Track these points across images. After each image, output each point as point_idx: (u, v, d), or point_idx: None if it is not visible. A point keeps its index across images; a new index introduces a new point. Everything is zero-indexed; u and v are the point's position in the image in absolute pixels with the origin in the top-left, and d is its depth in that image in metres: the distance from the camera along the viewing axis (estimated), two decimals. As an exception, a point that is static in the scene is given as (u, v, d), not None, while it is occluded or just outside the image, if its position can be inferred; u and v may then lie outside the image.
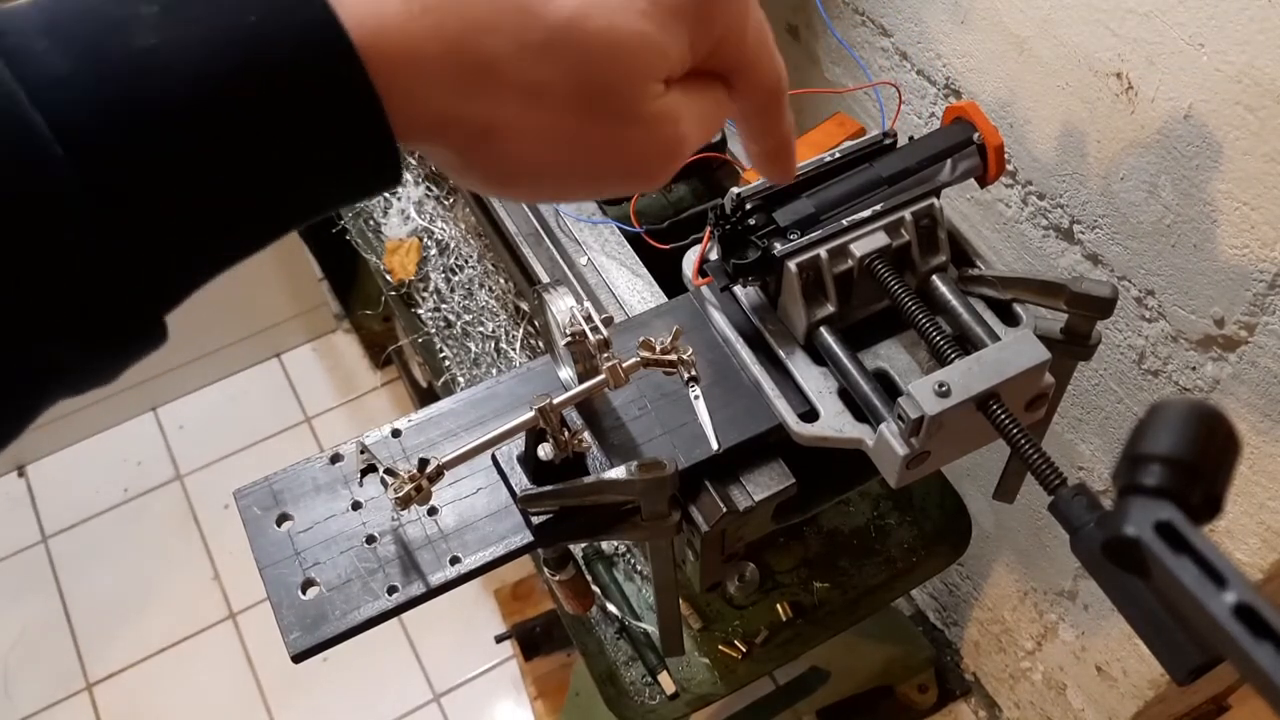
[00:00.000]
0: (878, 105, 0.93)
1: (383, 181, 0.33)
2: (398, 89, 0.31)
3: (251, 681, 1.76)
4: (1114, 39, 0.77)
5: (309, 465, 0.65)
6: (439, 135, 0.34)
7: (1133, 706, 1.17)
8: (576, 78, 0.34)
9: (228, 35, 0.28)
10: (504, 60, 0.33)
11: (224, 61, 0.28)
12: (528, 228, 0.91)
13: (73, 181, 0.27)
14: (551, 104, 0.34)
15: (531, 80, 0.33)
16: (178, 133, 0.28)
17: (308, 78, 0.29)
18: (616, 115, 0.36)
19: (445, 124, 0.33)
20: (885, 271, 0.63)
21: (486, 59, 0.32)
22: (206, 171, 0.29)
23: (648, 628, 0.95)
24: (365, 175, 0.32)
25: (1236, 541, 0.89)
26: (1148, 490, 0.35)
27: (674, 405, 0.65)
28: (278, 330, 2.08)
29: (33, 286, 0.27)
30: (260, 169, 0.30)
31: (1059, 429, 1.05)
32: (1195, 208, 0.77)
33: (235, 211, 0.30)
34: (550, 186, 0.38)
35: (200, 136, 0.28)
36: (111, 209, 0.28)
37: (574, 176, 0.38)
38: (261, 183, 0.30)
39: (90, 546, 1.91)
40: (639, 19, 0.34)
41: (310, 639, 0.58)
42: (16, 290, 0.27)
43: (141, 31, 0.28)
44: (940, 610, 1.56)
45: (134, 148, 0.28)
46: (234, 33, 0.28)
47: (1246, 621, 0.31)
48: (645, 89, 0.36)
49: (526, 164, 0.36)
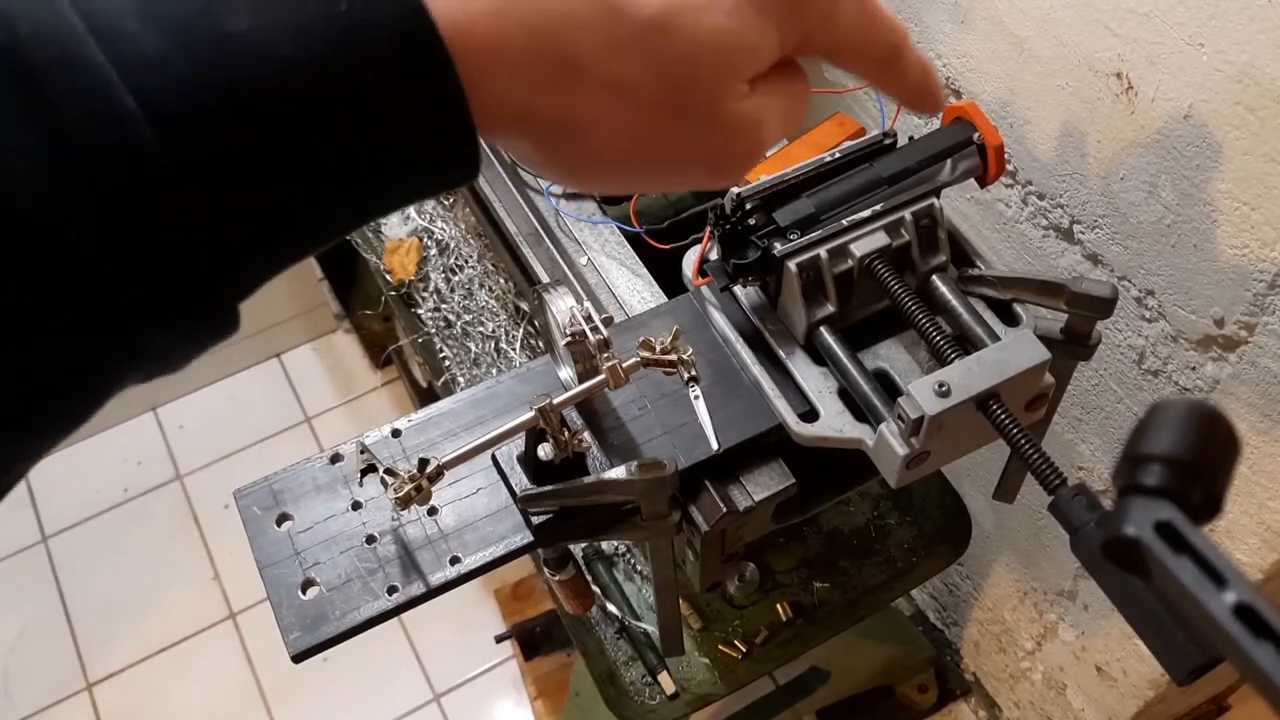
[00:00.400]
0: (878, 105, 0.93)
1: (462, 174, 0.33)
2: (482, 81, 0.31)
3: (251, 681, 1.76)
4: (1114, 39, 0.77)
5: (309, 465, 0.65)
6: (521, 127, 0.34)
7: (1133, 706, 1.17)
8: (661, 76, 0.34)
9: (318, 22, 0.28)
10: (589, 56, 0.33)
11: (313, 48, 0.28)
12: (528, 228, 0.91)
13: (162, 163, 0.27)
14: (635, 101, 0.34)
15: (616, 77, 0.33)
16: (265, 117, 0.28)
17: (394, 67, 0.29)
18: (699, 114, 0.36)
19: (528, 117, 0.33)
20: (885, 271, 0.63)
21: (571, 54, 0.32)
22: (291, 157, 0.29)
23: (648, 628, 0.95)
24: (445, 167, 0.32)
25: (1236, 541, 0.89)
26: (1148, 490, 0.35)
27: (674, 405, 0.65)
28: (278, 330, 2.08)
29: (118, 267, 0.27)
30: (344, 156, 0.30)
31: (1059, 429, 1.05)
32: (1195, 208, 0.77)
33: (316, 198, 0.31)
34: (627, 178, 0.38)
35: (287, 121, 0.29)
36: (197, 191, 0.28)
37: (651, 171, 0.38)
38: (344, 170, 0.30)
39: (90, 546, 1.91)
40: (726, 17, 0.34)
41: (310, 639, 0.58)
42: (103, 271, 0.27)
43: (233, 16, 0.28)
44: (940, 610, 1.56)
45: (223, 131, 0.28)
46: (324, 20, 0.28)
47: (1246, 621, 0.31)
48: (730, 89, 0.36)
49: (606, 158, 0.36)
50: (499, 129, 0.34)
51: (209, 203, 0.28)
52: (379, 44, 0.29)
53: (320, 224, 0.32)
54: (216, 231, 0.29)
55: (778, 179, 0.65)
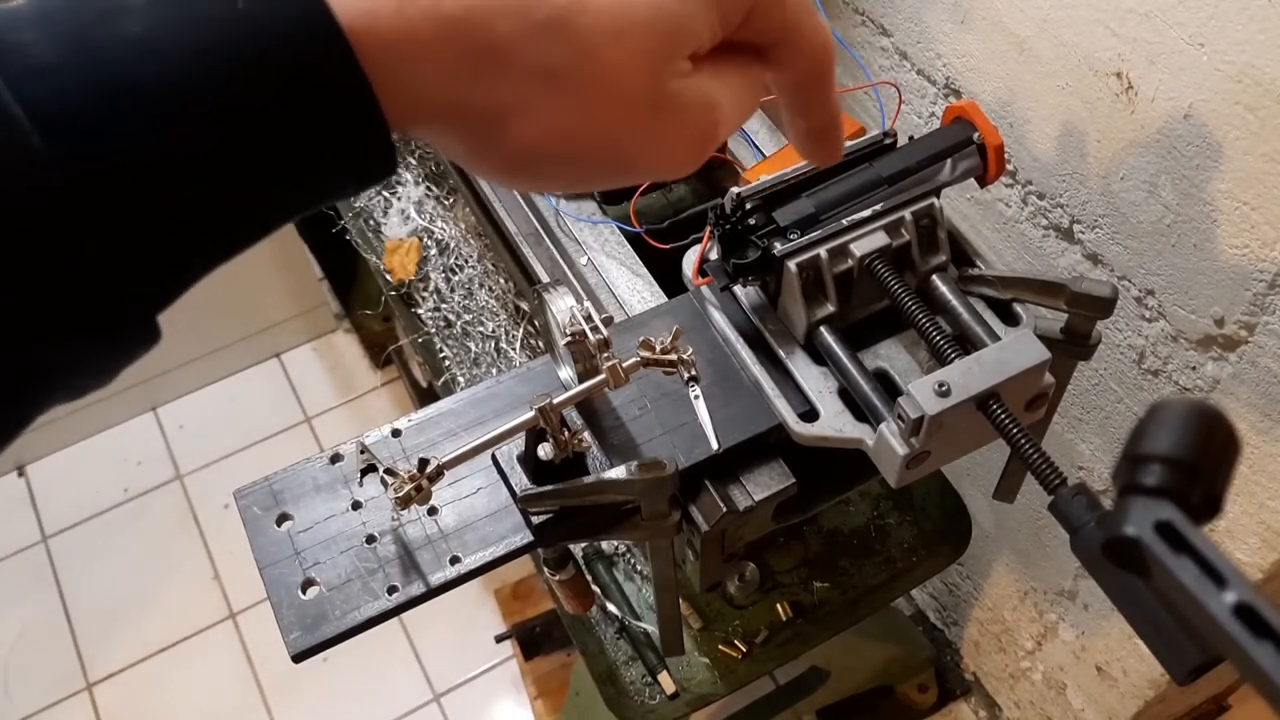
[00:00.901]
0: (878, 105, 0.93)
1: (377, 171, 0.32)
2: (394, 73, 0.30)
3: (251, 681, 1.76)
4: (1114, 39, 0.77)
5: (309, 465, 0.65)
6: (445, 122, 0.32)
7: (1133, 706, 1.17)
8: (589, 57, 0.32)
9: (216, 21, 0.28)
10: (509, 42, 0.31)
11: (211, 47, 0.28)
12: (528, 228, 0.91)
13: (52, 173, 0.26)
14: (566, 87, 0.32)
15: (541, 62, 0.32)
16: (162, 120, 0.27)
17: (293, 61, 0.28)
18: (638, 97, 0.34)
19: (451, 110, 0.32)
20: (885, 271, 0.63)
21: (489, 41, 0.31)
22: (191, 160, 0.28)
23: (648, 628, 0.95)
24: (358, 164, 0.31)
25: (1236, 541, 0.89)
26: (1148, 490, 0.35)
27: (674, 405, 0.65)
28: (278, 330, 2.08)
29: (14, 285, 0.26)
30: (248, 156, 0.29)
31: (1059, 429, 1.05)
32: (1195, 207, 0.77)
33: (223, 202, 0.29)
34: (570, 174, 0.36)
35: (185, 123, 0.28)
36: (93, 200, 0.27)
37: (596, 164, 0.35)
38: (250, 171, 0.29)
39: (90, 546, 1.91)
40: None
41: (310, 639, 0.58)
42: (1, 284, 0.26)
43: (130, 20, 0.27)
44: (940, 610, 1.56)
45: (117, 136, 0.27)
46: (222, 19, 0.28)
47: (1246, 621, 0.31)
48: (667, 66, 0.34)
49: (543, 152, 0.34)
50: (422, 123, 0.32)
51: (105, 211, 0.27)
52: (275, 37, 0.28)
53: (230, 227, 0.30)
54: (115, 240, 0.28)
55: (778, 179, 0.65)
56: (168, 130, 0.28)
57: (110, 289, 0.28)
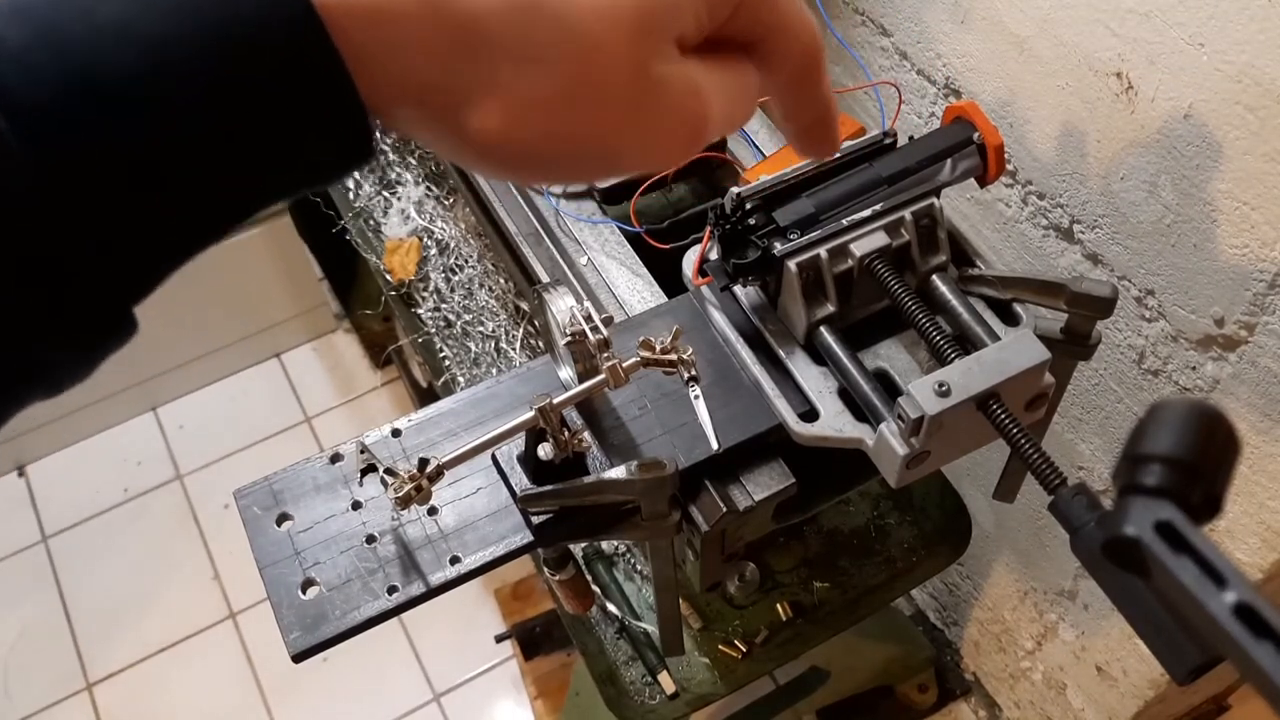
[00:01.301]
0: (878, 105, 0.93)
1: (355, 156, 0.31)
2: (372, 52, 0.29)
3: (251, 681, 1.76)
4: (1114, 39, 0.77)
5: (309, 465, 0.65)
6: (425, 106, 0.31)
7: (1133, 706, 1.17)
8: (573, 36, 0.31)
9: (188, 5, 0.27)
10: (488, 21, 0.30)
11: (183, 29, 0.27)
12: (528, 227, 0.91)
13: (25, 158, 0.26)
14: (548, 69, 0.31)
15: (520, 38, 0.31)
16: (132, 104, 0.27)
17: (269, 43, 0.28)
18: (619, 77, 0.32)
19: (431, 93, 0.31)
20: (885, 271, 0.63)
21: (469, 20, 0.30)
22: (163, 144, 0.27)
23: (648, 628, 0.95)
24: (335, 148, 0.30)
25: (1236, 541, 0.89)
26: (1148, 490, 0.35)
27: (674, 405, 0.65)
28: (278, 330, 2.08)
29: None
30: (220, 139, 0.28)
31: (1059, 429, 1.05)
32: (1195, 207, 0.77)
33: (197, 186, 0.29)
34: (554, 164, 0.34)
35: (156, 107, 0.27)
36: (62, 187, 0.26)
37: (580, 153, 0.34)
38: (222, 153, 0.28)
39: (90, 546, 1.91)
40: None
41: (310, 639, 0.58)
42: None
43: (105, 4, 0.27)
44: (940, 610, 1.56)
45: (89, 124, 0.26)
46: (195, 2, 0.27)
47: (1246, 621, 0.31)
48: (655, 48, 0.33)
49: (526, 139, 0.32)
50: (399, 106, 0.31)
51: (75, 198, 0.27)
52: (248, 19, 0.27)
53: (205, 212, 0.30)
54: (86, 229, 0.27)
55: (778, 179, 0.65)
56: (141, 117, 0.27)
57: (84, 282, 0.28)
